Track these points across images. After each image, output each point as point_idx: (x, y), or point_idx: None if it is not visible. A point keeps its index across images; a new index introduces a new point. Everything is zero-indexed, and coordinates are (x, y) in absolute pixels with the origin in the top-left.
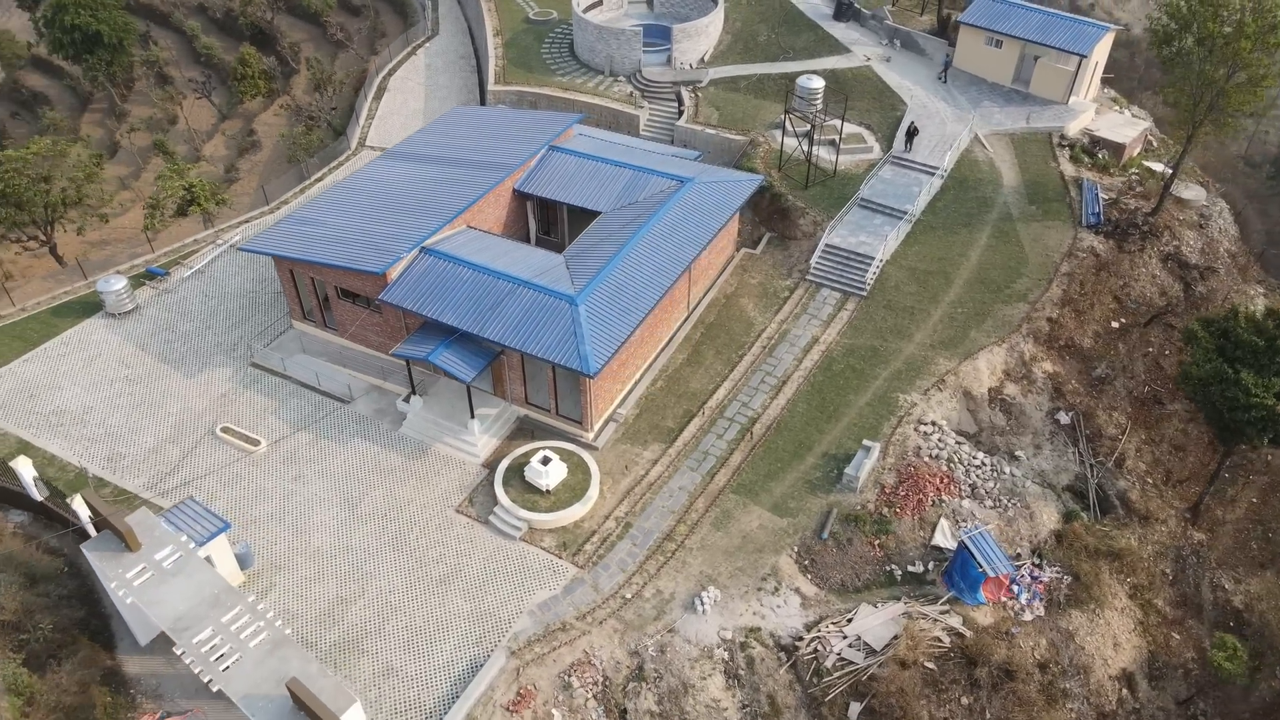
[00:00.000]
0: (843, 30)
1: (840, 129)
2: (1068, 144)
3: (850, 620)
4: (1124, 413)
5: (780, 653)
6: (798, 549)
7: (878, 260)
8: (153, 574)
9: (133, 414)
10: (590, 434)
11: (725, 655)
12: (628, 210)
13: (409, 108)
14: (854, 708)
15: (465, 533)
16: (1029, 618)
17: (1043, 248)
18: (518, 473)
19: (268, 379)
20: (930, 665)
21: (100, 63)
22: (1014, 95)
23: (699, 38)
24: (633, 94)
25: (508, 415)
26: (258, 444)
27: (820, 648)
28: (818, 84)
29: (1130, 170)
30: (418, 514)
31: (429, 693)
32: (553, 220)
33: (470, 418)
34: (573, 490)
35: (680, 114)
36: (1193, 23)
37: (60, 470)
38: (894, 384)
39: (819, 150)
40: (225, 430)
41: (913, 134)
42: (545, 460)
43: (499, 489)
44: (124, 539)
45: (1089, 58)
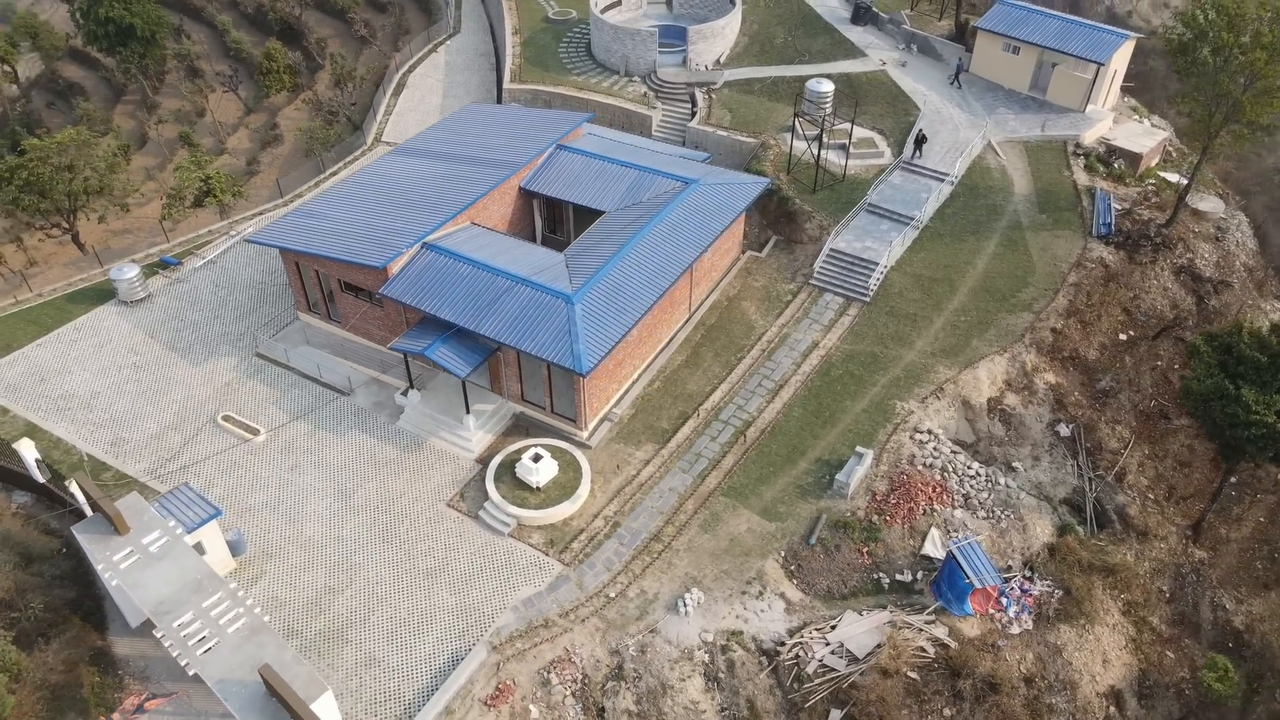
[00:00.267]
0: (860, 34)
1: (850, 133)
2: (1083, 153)
3: (834, 627)
4: (1128, 427)
5: (761, 657)
6: (785, 554)
7: (881, 266)
8: (139, 557)
9: (138, 400)
10: (584, 432)
11: (706, 657)
12: (631, 210)
13: (427, 104)
14: (834, 715)
15: (455, 527)
16: (1016, 631)
17: (1051, 257)
18: (509, 469)
19: (271, 369)
20: (913, 675)
21: (133, 55)
22: (1030, 102)
23: (715, 39)
24: (646, 94)
25: (504, 411)
26: (257, 433)
27: (802, 653)
28: (827, 87)
29: (1147, 181)
30: (409, 507)
31: (409, 684)
32: (559, 219)
33: (466, 413)
34: (563, 488)
35: (693, 115)
36: (1209, 32)
37: (65, 453)
38: (892, 391)
39: (829, 154)
40: (226, 419)
41: (921, 141)
42: (536, 457)
43: (490, 485)
44: (113, 522)
45: (1107, 66)
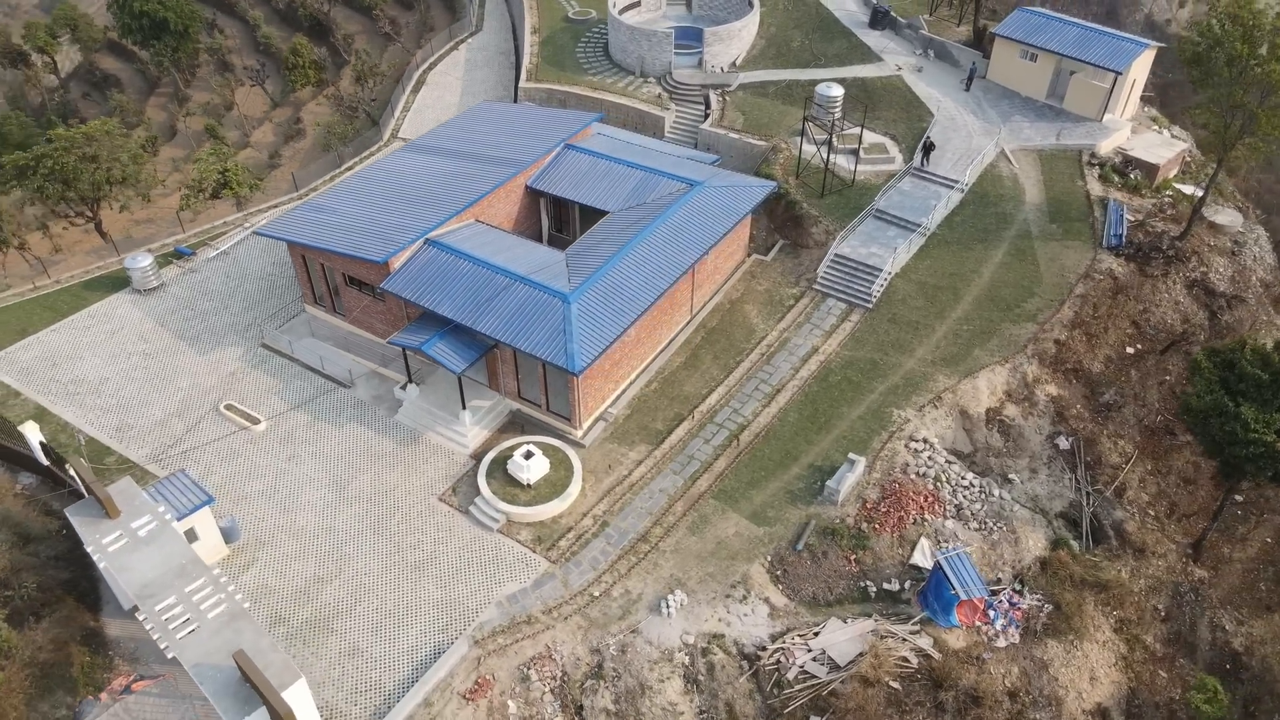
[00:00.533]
0: (877, 39)
1: (859, 138)
2: (1098, 162)
3: (817, 633)
4: (1131, 441)
5: (743, 661)
6: (771, 558)
7: (885, 272)
8: (127, 541)
9: (145, 387)
10: (579, 431)
11: (686, 659)
12: (634, 211)
13: (444, 101)
14: None
15: (445, 521)
16: (1002, 644)
17: (1059, 268)
18: (501, 465)
19: (275, 360)
20: (895, 685)
21: (166, 48)
22: (1047, 110)
23: (731, 41)
24: (661, 96)
25: (500, 408)
26: (258, 422)
27: (783, 659)
28: (836, 92)
29: (1164, 192)
30: (402, 500)
31: (390, 675)
32: (565, 218)
33: (462, 408)
34: (554, 485)
35: (706, 117)
36: (1225, 42)
37: (71, 437)
38: (889, 398)
39: (839, 159)
40: (228, 407)
41: (929, 149)
42: (528, 454)
43: (482, 480)
44: (103, 506)
45: (1126, 75)
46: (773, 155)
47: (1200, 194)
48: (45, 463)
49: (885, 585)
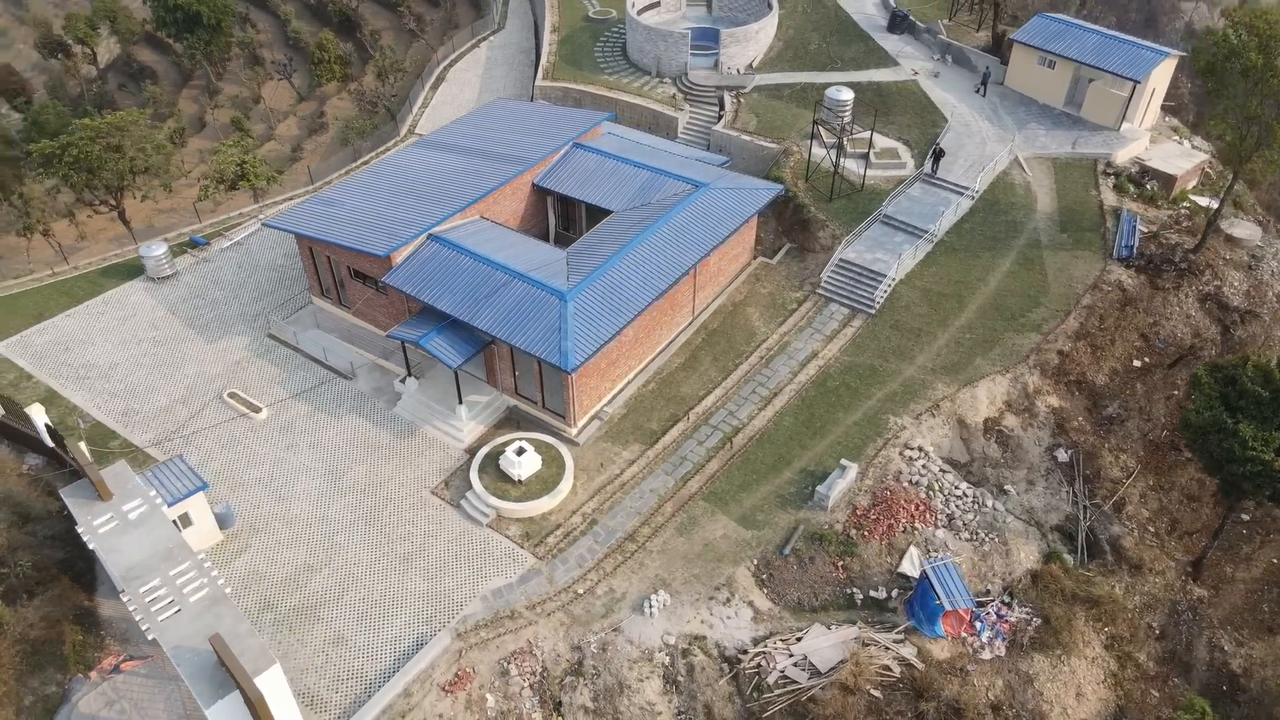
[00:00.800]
0: (894, 43)
1: (869, 142)
2: (1113, 172)
3: (800, 639)
4: (1134, 456)
5: (723, 664)
6: (757, 562)
7: (889, 278)
8: (117, 523)
9: (152, 373)
10: (573, 429)
11: (666, 660)
12: (638, 211)
13: (462, 99)
14: None
15: (436, 514)
16: (988, 656)
17: (1067, 278)
18: (494, 460)
19: (280, 350)
20: (876, 693)
21: (199, 42)
22: (1064, 118)
23: (748, 43)
24: (675, 96)
25: (497, 404)
26: (259, 411)
27: (764, 663)
28: (846, 95)
29: (1181, 204)
30: (394, 492)
31: (373, 664)
32: (572, 217)
33: (458, 403)
34: (544, 482)
35: (719, 118)
36: (1240, 53)
37: (80, 420)
38: (887, 405)
39: (849, 163)
40: (231, 395)
41: (939, 156)
42: (520, 450)
43: (474, 475)
44: (96, 488)
45: (1144, 84)
46: (784, 158)
47: (1216, 207)
48: (50, 444)
49: (872, 593)
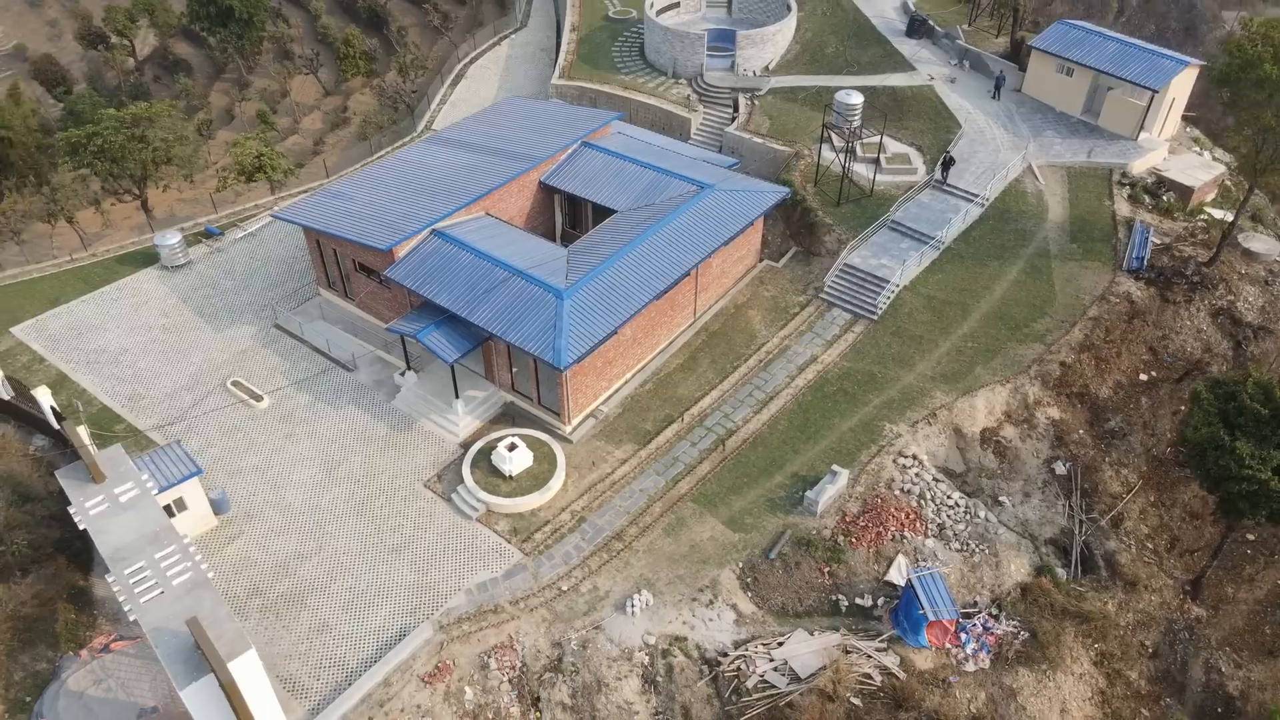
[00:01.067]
0: (912, 47)
1: (879, 146)
2: (1129, 183)
3: (781, 644)
4: (1136, 471)
5: (703, 665)
6: (743, 565)
7: (892, 285)
8: (108, 505)
9: (160, 359)
10: (568, 427)
11: (645, 660)
12: (641, 211)
13: (480, 96)
14: None
15: (427, 507)
16: (971, 668)
17: (1074, 289)
18: (487, 456)
19: (286, 340)
20: (856, 701)
21: (231, 35)
22: (1080, 127)
23: (764, 45)
24: (689, 97)
25: (494, 399)
26: (260, 399)
27: (744, 666)
28: (855, 99)
29: (1198, 216)
30: (387, 484)
31: (355, 653)
32: (580, 216)
33: (455, 398)
34: (535, 479)
35: (733, 120)
36: (1258, 64)
37: (87, 404)
38: (883, 412)
39: (859, 167)
40: (235, 384)
41: (948, 164)
42: (511, 446)
43: (466, 469)
44: (89, 470)
45: (1163, 93)
46: (794, 161)
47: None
48: (56, 426)
49: (857, 600)
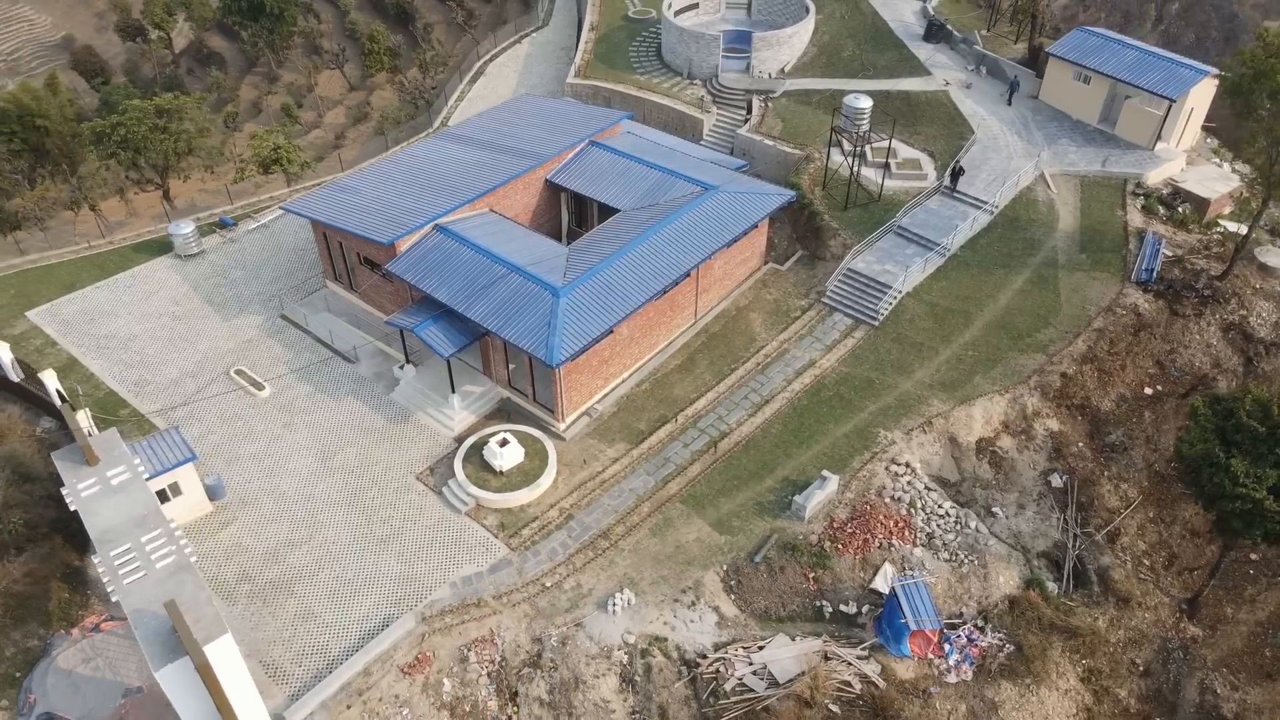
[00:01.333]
0: (929, 52)
1: (888, 151)
2: (1143, 193)
3: (762, 648)
4: (1136, 486)
5: (682, 666)
6: (727, 567)
7: (894, 290)
8: (99, 488)
9: (167, 346)
10: (562, 425)
11: (624, 658)
12: (644, 211)
13: (498, 93)
14: None
15: (418, 499)
16: (953, 680)
17: (1080, 299)
18: (479, 450)
19: (291, 331)
20: (834, 708)
21: (263, 29)
22: (1096, 135)
23: (780, 47)
24: (703, 98)
25: (491, 395)
26: (262, 389)
27: (723, 669)
28: (864, 103)
29: (1213, 229)
30: (380, 475)
31: (338, 642)
32: (586, 214)
33: (451, 392)
34: (526, 475)
35: (745, 122)
36: (1271, 75)
37: (95, 388)
38: (879, 419)
39: (868, 172)
40: (238, 372)
41: (958, 173)
42: (503, 442)
43: (458, 463)
44: (84, 453)
45: (1181, 103)
46: (804, 164)
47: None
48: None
49: (842, 607)
